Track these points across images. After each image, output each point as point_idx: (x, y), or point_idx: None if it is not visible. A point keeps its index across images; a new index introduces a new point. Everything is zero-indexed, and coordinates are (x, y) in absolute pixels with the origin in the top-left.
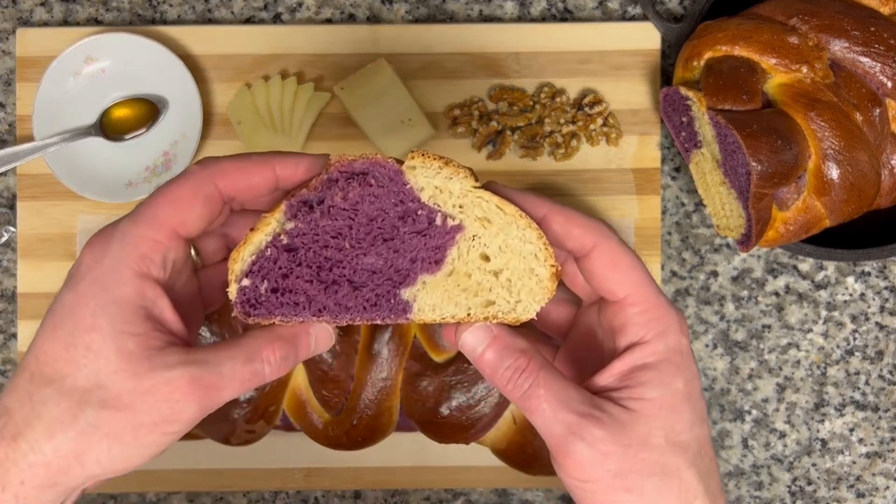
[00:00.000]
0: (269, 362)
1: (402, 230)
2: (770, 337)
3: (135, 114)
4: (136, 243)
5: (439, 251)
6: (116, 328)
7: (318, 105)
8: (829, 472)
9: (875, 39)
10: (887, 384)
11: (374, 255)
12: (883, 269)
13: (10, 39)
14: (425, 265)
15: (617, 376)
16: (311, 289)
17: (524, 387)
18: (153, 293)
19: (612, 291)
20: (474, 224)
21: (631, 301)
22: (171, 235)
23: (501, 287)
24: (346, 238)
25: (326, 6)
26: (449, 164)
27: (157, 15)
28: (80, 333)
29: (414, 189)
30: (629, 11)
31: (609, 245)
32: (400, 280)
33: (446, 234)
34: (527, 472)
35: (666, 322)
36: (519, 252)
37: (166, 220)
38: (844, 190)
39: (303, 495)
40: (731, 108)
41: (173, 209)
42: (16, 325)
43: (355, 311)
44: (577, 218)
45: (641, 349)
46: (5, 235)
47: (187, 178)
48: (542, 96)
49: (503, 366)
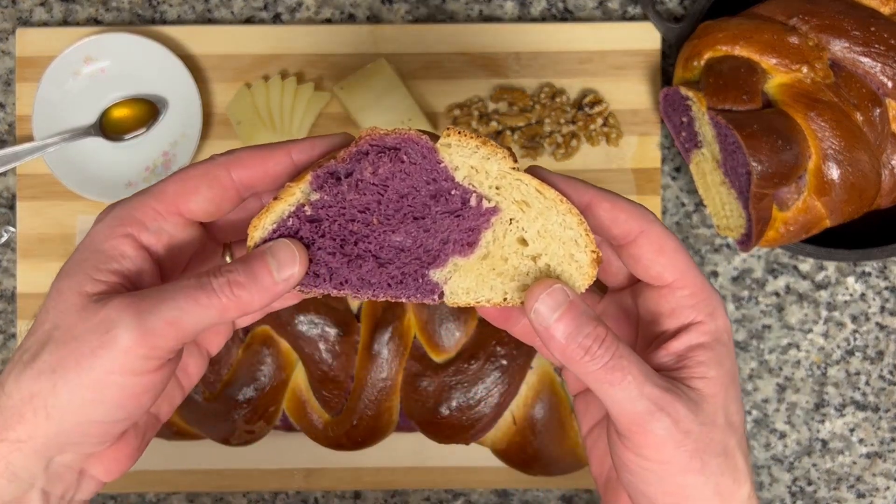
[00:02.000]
0: (213, 274)
1: (434, 209)
2: (770, 337)
3: (134, 114)
4: (135, 208)
5: (473, 233)
6: (84, 271)
7: (318, 105)
8: (830, 472)
9: (875, 39)
10: (887, 384)
11: (403, 233)
12: (883, 269)
13: (10, 39)
14: (457, 247)
15: (674, 355)
16: (334, 261)
17: (605, 358)
18: (133, 253)
19: (660, 276)
20: (512, 207)
21: (679, 285)
22: (171, 210)
23: (540, 272)
24: (373, 213)
25: (326, 6)
26: (487, 143)
27: (156, 15)
28: (58, 279)
29: (448, 168)
30: (629, 11)
31: (655, 230)
32: (429, 260)
33: (481, 216)
34: (527, 472)
35: (713, 303)
36: (559, 237)
37: (171, 196)
38: (845, 190)
39: (303, 496)
40: (731, 108)
41: (179, 187)
42: (15, 325)
43: (379, 287)
44: (623, 203)
45: (696, 329)
46: (5, 235)
47: (202, 163)
48: (542, 96)
49: (582, 333)
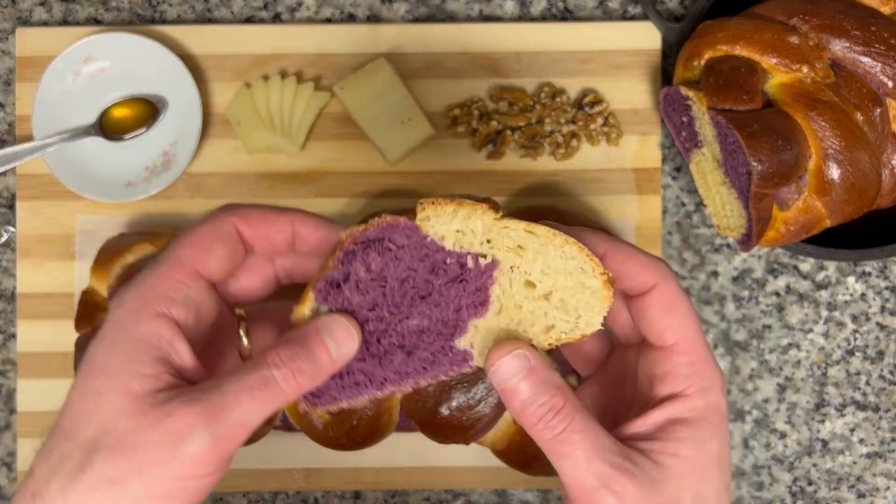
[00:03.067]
0: (275, 365)
1: (437, 283)
2: (770, 337)
3: (134, 113)
4: (156, 283)
5: (481, 293)
6: (125, 368)
7: (318, 105)
8: (830, 472)
9: (876, 39)
10: (888, 384)
11: (417, 316)
12: (884, 269)
13: (10, 39)
14: (471, 310)
15: (651, 426)
16: (366, 366)
17: (557, 429)
18: (169, 333)
19: (661, 336)
20: (508, 255)
21: (679, 350)
22: (191, 275)
23: (556, 308)
24: (383, 307)
25: (326, 6)
26: (463, 203)
27: (156, 14)
28: (90, 378)
29: (435, 240)
30: (629, 11)
31: (668, 287)
32: (450, 332)
33: (482, 273)
34: (527, 472)
35: (710, 378)
36: (563, 270)
37: (187, 260)
38: (845, 190)
39: (303, 496)
40: (731, 108)
41: (193, 249)
42: (15, 325)
43: (416, 374)
44: (638, 256)
45: (682, 402)
46: (5, 235)
47: (208, 220)
48: (543, 96)
49: (537, 402)
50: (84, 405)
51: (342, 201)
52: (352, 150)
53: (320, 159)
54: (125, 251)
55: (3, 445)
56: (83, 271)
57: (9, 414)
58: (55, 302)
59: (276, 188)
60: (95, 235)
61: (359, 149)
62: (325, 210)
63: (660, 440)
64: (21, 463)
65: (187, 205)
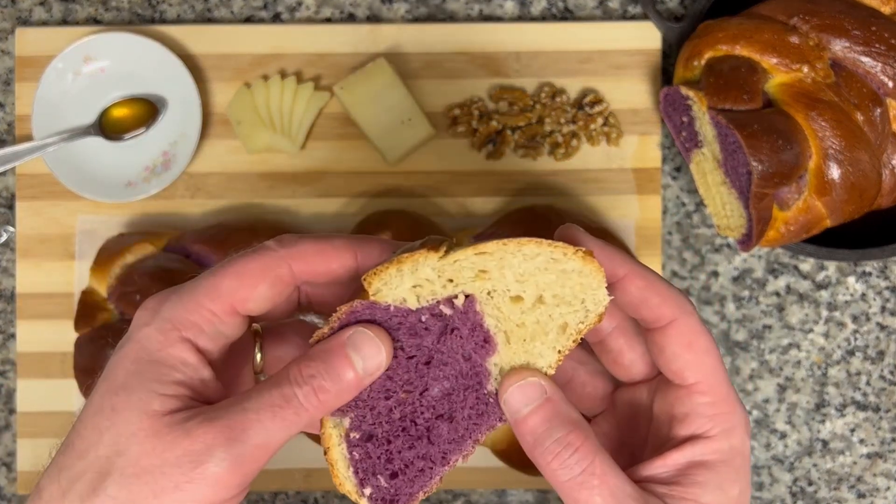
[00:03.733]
0: (297, 382)
1: (429, 344)
2: (771, 337)
3: (134, 113)
4: (190, 310)
5: (477, 332)
6: (147, 387)
7: (318, 105)
8: (830, 472)
9: (876, 39)
10: (888, 384)
11: (434, 383)
12: (884, 269)
13: (10, 39)
14: (480, 352)
15: (671, 468)
16: (419, 450)
17: (575, 471)
18: (195, 360)
19: (681, 374)
20: (476, 284)
21: (701, 389)
22: (228, 310)
23: (556, 306)
24: (396, 390)
25: (326, 5)
26: (402, 259)
27: (156, 14)
28: (110, 395)
29: (399, 306)
30: (629, 11)
31: (689, 322)
32: (476, 382)
33: (466, 313)
34: (527, 472)
35: (734, 419)
36: (535, 269)
37: (227, 294)
38: (845, 190)
39: (303, 496)
40: (731, 108)
41: (237, 283)
42: (15, 326)
43: (469, 433)
44: (659, 285)
45: (704, 444)
46: (4, 235)
47: (261, 255)
48: (543, 96)
49: (552, 437)
50: (98, 422)
51: (342, 201)
52: (351, 150)
53: (320, 159)
54: (125, 251)
55: (3, 445)
56: (83, 271)
57: (8, 414)
58: (55, 302)
59: (276, 188)
60: (95, 235)
61: (358, 149)
62: (324, 210)
63: (679, 485)
64: (20, 463)
65: (187, 205)
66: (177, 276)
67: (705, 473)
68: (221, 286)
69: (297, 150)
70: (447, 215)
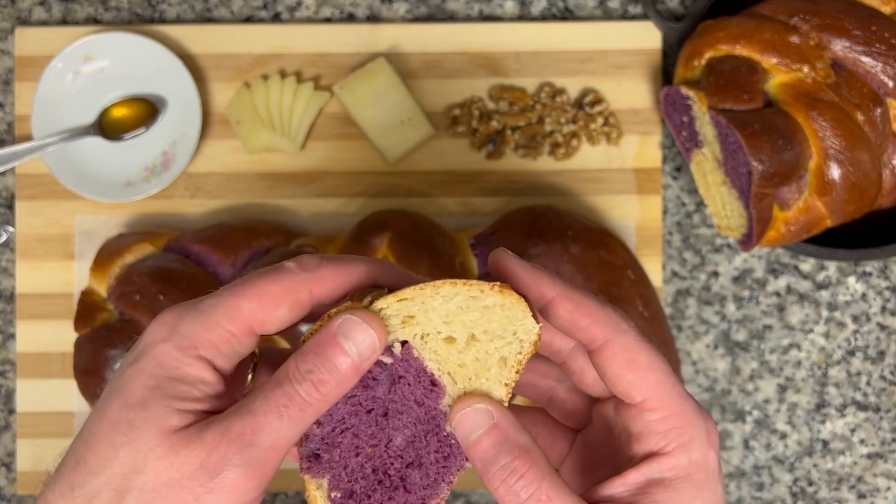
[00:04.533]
0: (296, 379)
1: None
2: (771, 337)
3: (134, 113)
4: (209, 328)
5: (422, 376)
6: (165, 403)
7: (318, 104)
8: (831, 472)
9: (876, 39)
10: (888, 384)
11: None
12: (884, 269)
13: (9, 39)
14: (430, 396)
15: (631, 487)
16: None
17: (521, 497)
18: (212, 378)
19: (627, 393)
20: (406, 330)
21: (650, 406)
22: (246, 332)
23: (490, 342)
24: (363, 446)
25: (326, 5)
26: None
27: (156, 14)
28: (127, 410)
29: None
30: (630, 11)
31: (623, 341)
32: (435, 425)
33: (406, 361)
34: None
35: (690, 432)
36: (457, 308)
37: (247, 316)
38: (846, 190)
39: (302, 496)
40: (732, 108)
41: (258, 306)
42: (14, 326)
43: (441, 476)
44: (588, 306)
45: (660, 461)
46: (4, 235)
47: (282, 277)
48: (543, 96)
49: (498, 463)
50: (113, 438)
51: (342, 201)
52: (351, 149)
53: (320, 159)
54: (124, 251)
55: (3, 446)
56: (82, 271)
57: (8, 414)
58: (54, 302)
59: (276, 188)
60: (95, 235)
61: (358, 149)
62: (324, 210)
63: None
64: (20, 463)
65: (187, 205)
66: (176, 275)
67: (664, 492)
68: (242, 307)
69: (296, 150)
70: (447, 215)
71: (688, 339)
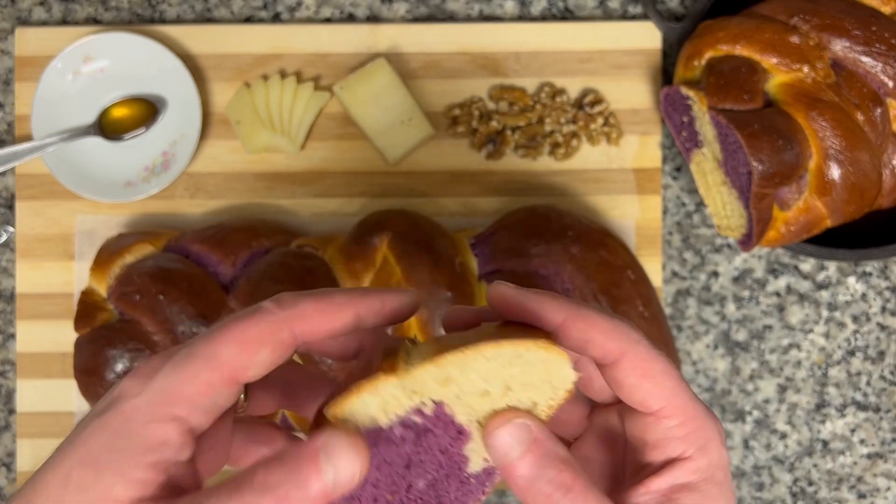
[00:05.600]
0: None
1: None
2: (771, 337)
3: (134, 113)
4: (185, 381)
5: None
6: (115, 468)
7: (318, 104)
8: (831, 472)
9: (876, 39)
10: (889, 385)
11: (415, 479)
12: (884, 269)
13: (9, 39)
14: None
15: (656, 494)
16: None
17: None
18: (179, 440)
19: (644, 403)
20: (441, 391)
21: (667, 413)
22: (227, 380)
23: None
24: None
25: (326, 5)
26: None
27: (156, 14)
28: (79, 467)
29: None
30: (630, 11)
31: (638, 352)
32: (456, 467)
33: (437, 417)
34: None
35: (707, 434)
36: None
37: (226, 363)
38: (846, 190)
39: None
40: (732, 108)
41: (237, 351)
42: (14, 326)
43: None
44: (601, 323)
45: (683, 466)
46: (4, 235)
47: (261, 318)
48: (543, 96)
49: (544, 478)
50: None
51: (342, 201)
52: (351, 150)
53: (320, 159)
54: (124, 251)
55: (3, 446)
56: (82, 271)
57: (8, 414)
58: (54, 302)
59: (276, 188)
60: (95, 235)
61: (358, 149)
62: (324, 210)
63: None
64: (20, 463)
65: (187, 205)
66: (176, 275)
67: (690, 495)
68: (220, 355)
69: (296, 150)
70: (447, 215)
71: (688, 339)
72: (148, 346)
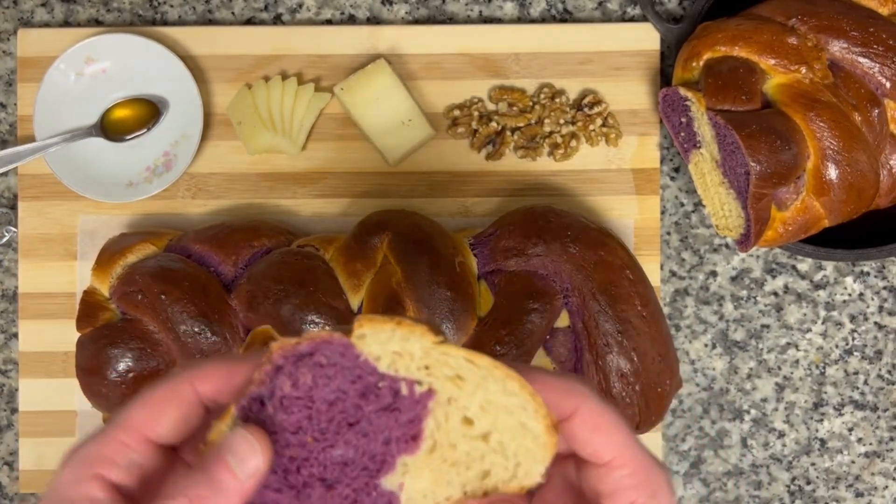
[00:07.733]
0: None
1: (367, 409)
2: (769, 337)
3: (135, 114)
4: (101, 444)
5: (413, 424)
6: None
7: (319, 105)
8: (828, 471)
9: (874, 40)
10: (886, 384)
11: (342, 445)
12: (882, 269)
13: (12, 40)
14: (401, 444)
15: None
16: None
17: None
18: (104, 496)
19: (596, 455)
20: (446, 385)
21: (618, 463)
22: (140, 439)
23: (494, 452)
24: (307, 431)
25: (327, 7)
26: (402, 323)
27: (157, 16)
28: None
29: (369, 360)
30: (629, 12)
31: (589, 407)
32: (376, 468)
33: (417, 403)
34: None
35: (655, 482)
36: (504, 406)
37: (136, 423)
38: (843, 190)
39: None
40: (730, 109)
41: (145, 412)
42: (17, 325)
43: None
44: (553, 382)
45: None
46: (6, 235)
47: (165, 382)
48: (542, 97)
49: None
50: None
51: (342, 202)
52: (352, 150)
53: (321, 160)
54: (126, 251)
55: (5, 445)
56: (84, 271)
57: (10, 413)
58: (57, 302)
59: (277, 189)
60: (97, 235)
61: (359, 149)
62: (324, 210)
63: None
64: (22, 462)
65: (188, 205)
66: (178, 275)
67: None
68: (131, 417)
69: (297, 151)
70: (447, 215)
71: (686, 339)
72: (150, 346)
